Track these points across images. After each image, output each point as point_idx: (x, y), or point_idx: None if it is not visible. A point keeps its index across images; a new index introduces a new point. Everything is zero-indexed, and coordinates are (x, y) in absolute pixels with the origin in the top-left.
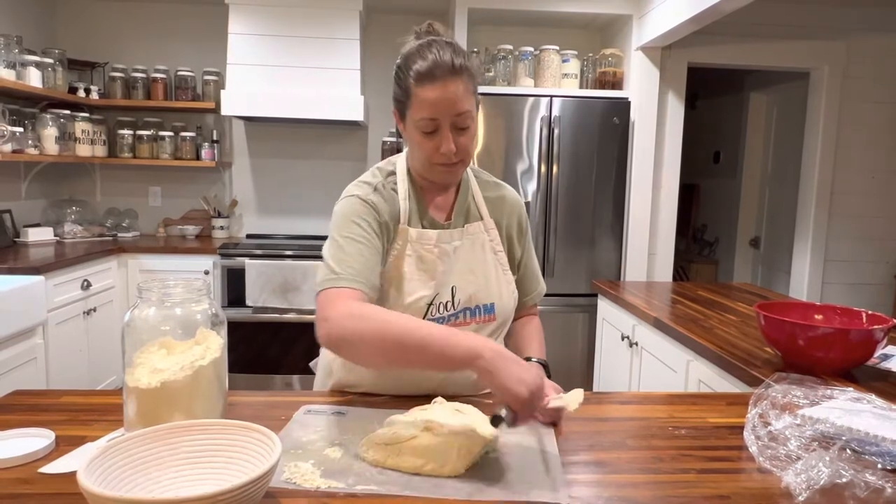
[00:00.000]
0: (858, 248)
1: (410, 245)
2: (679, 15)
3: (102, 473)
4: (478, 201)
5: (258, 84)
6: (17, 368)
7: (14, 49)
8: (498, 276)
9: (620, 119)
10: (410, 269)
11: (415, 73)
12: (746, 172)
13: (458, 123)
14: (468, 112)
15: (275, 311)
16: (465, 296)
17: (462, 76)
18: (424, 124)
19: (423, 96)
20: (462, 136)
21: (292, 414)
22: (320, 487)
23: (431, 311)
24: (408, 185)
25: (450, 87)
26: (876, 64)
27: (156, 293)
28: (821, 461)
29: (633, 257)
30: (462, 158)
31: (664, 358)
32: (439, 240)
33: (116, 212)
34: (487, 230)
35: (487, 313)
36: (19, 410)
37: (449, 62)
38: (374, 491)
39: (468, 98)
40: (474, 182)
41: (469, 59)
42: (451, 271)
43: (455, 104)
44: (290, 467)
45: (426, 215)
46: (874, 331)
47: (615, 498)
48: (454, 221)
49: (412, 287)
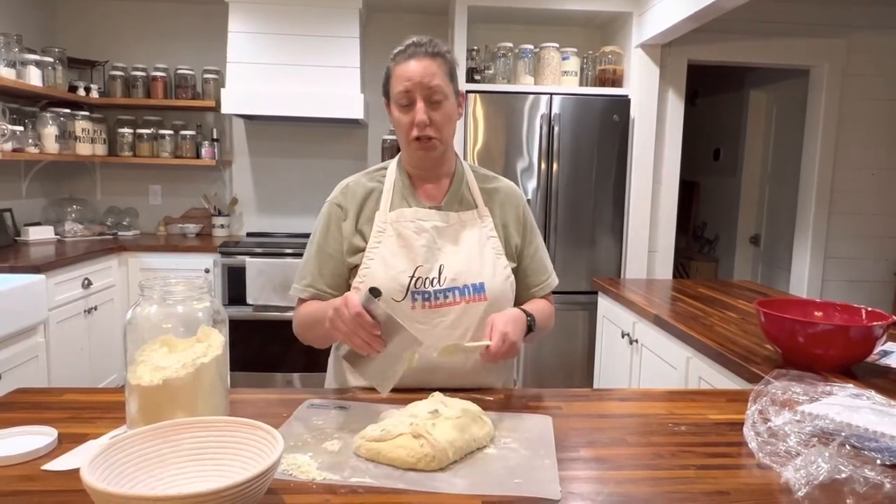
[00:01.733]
0: (858, 246)
1: (391, 226)
2: (679, 12)
3: (105, 470)
4: (473, 192)
5: (258, 82)
6: (19, 367)
7: (14, 48)
8: (490, 258)
9: (620, 117)
10: (392, 247)
11: (394, 55)
12: (746, 170)
13: (430, 97)
14: (439, 86)
15: (275, 309)
16: (453, 273)
17: (436, 59)
18: (400, 97)
19: (398, 72)
20: (435, 112)
21: (293, 411)
22: (316, 479)
23: (416, 284)
24: (395, 176)
25: (423, 63)
26: (876, 61)
27: (157, 291)
28: (820, 457)
29: (634, 255)
30: (436, 136)
31: (664, 355)
32: (415, 216)
33: (117, 210)
34: (481, 216)
35: (477, 292)
36: (22, 408)
37: (424, 46)
38: (369, 483)
39: (442, 78)
40: (471, 175)
41: (446, 49)
42: (439, 250)
43: (426, 77)
44: (288, 459)
45: (413, 200)
46: (874, 327)
47: (615, 494)
48: (444, 206)
49: (393, 262)
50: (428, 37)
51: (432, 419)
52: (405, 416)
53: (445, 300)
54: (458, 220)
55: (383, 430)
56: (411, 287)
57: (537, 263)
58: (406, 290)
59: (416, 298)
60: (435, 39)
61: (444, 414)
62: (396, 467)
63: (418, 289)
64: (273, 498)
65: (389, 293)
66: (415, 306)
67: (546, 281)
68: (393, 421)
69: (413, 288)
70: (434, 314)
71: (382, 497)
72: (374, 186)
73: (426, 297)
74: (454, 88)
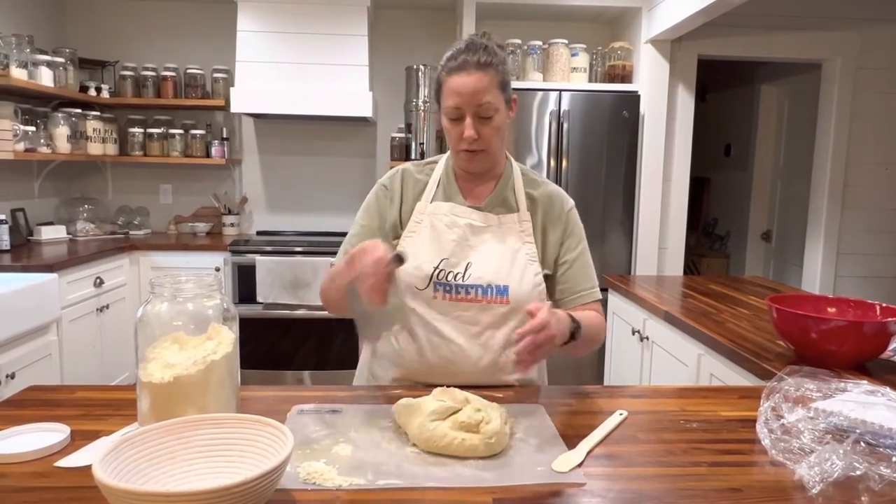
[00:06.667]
0: (872, 241)
1: (427, 217)
2: (689, 7)
3: (117, 467)
4: (517, 195)
5: (267, 81)
6: (32, 365)
7: (26, 49)
8: (521, 264)
9: (630, 113)
10: (423, 238)
11: (446, 66)
12: (758, 165)
13: (480, 113)
14: (489, 103)
15: (285, 307)
16: (479, 272)
17: (487, 71)
18: (450, 111)
19: (449, 84)
20: (484, 126)
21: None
22: (342, 486)
23: (439, 275)
24: (442, 171)
25: (473, 77)
26: (890, 54)
27: (168, 288)
28: (834, 454)
29: (644, 251)
30: (483, 147)
31: (675, 352)
32: (451, 211)
33: (128, 209)
34: (521, 221)
35: (500, 294)
36: (35, 406)
37: (475, 58)
38: (397, 485)
39: (492, 91)
40: (519, 179)
41: (498, 58)
42: (471, 247)
43: (476, 94)
44: (305, 467)
45: (455, 197)
46: (888, 323)
47: (626, 490)
48: (485, 206)
49: (421, 252)
50: (481, 41)
51: (476, 412)
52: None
53: (467, 295)
54: (497, 221)
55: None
56: (434, 277)
57: (577, 271)
58: (429, 280)
59: (438, 289)
60: (489, 44)
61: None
62: (431, 453)
63: (440, 280)
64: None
65: (413, 281)
66: (436, 296)
67: (587, 290)
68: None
69: (436, 279)
70: (454, 307)
71: (410, 494)
72: (422, 179)
73: (447, 289)
74: (506, 98)
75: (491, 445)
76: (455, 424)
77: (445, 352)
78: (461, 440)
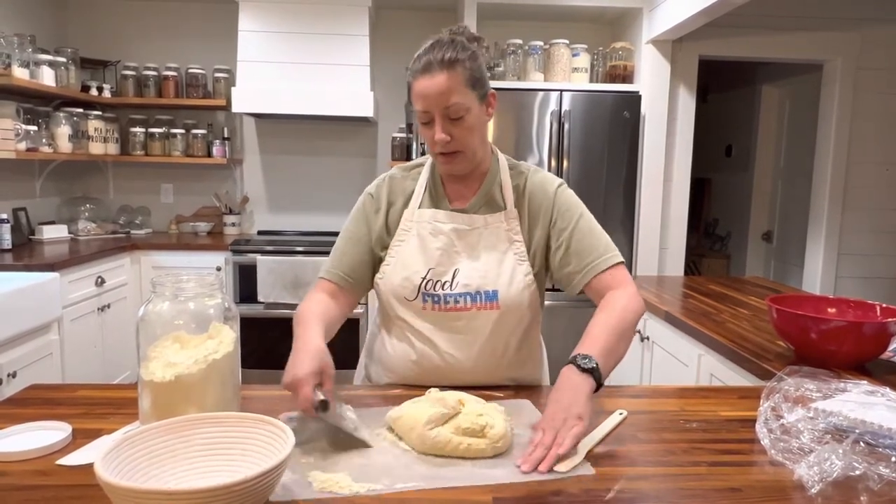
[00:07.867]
0: (873, 242)
1: (414, 225)
2: (690, 7)
3: (118, 465)
4: (504, 191)
5: (268, 81)
6: (34, 364)
7: (28, 48)
8: (510, 265)
9: (631, 113)
10: (411, 247)
11: (412, 67)
12: (759, 166)
13: (449, 114)
14: (458, 104)
15: (286, 306)
16: (467, 279)
17: (454, 69)
18: (419, 115)
19: (416, 88)
20: (456, 128)
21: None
22: (359, 493)
23: (427, 286)
24: (428, 175)
25: (437, 79)
26: (890, 55)
27: (169, 288)
28: (834, 454)
29: (645, 252)
30: (459, 149)
31: (675, 352)
32: (433, 218)
33: (129, 209)
34: (508, 219)
35: (489, 300)
36: (36, 404)
37: (440, 56)
38: (415, 487)
39: (459, 91)
40: (506, 173)
41: (466, 52)
42: (457, 253)
43: (442, 96)
44: (316, 476)
45: (441, 202)
46: (888, 324)
47: (626, 490)
48: (469, 208)
49: (409, 263)
50: (448, 37)
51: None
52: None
53: (456, 304)
54: (484, 223)
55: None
56: (422, 288)
57: (578, 245)
58: (417, 291)
59: (427, 300)
60: (457, 39)
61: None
62: (436, 455)
63: (429, 291)
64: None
65: (403, 292)
66: (426, 308)
67: (595, 261)
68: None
69: (424, 290)
70: (445, 317)
71: (427, 494)
72: (409, 185)
73: (436, 300)
74: (478, 94)
75: (498, 448)
76: (458, 430)
77: (439, 361)
78: (467, 445)
